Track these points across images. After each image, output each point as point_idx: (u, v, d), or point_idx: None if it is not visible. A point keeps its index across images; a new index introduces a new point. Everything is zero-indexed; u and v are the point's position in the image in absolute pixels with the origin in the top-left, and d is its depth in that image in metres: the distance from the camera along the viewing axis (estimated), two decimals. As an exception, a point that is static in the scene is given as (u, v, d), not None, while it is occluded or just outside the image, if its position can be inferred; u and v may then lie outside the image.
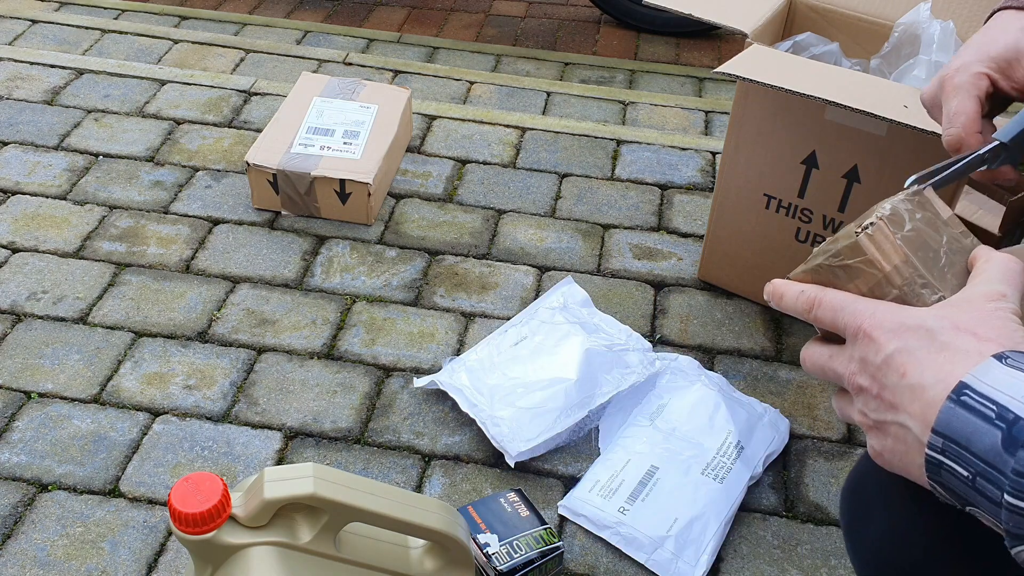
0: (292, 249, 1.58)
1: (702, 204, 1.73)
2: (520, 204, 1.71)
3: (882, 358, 0.55)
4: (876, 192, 1.28)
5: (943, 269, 0.60)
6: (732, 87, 2.40)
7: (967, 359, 0.52)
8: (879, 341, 0.55)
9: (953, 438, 0.51)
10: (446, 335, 1.44)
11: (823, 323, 0.60)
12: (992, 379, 0.50)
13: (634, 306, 1.51)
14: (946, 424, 0.51)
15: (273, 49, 2.31)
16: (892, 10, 1.35)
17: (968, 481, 0.51)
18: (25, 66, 2.03)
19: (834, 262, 0.60)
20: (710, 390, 1.32)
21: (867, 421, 0.57)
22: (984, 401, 0.50)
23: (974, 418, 0.50)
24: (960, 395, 0.51)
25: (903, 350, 0.54)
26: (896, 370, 0.54)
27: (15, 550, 1.13)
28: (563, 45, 2.80)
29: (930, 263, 0.59)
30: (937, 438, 0.52)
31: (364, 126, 1.70)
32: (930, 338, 0.54)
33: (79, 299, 1.47)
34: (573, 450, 1.28)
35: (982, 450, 0.49)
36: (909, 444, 0.54)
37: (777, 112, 1.31)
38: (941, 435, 0.51)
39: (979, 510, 0.51)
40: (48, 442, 1.25)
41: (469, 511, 1.12)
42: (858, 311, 0.57)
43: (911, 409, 0.53)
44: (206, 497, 0.78)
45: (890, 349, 0.55)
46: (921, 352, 0.54)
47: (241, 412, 1.31)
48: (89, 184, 1.70)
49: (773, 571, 1.15)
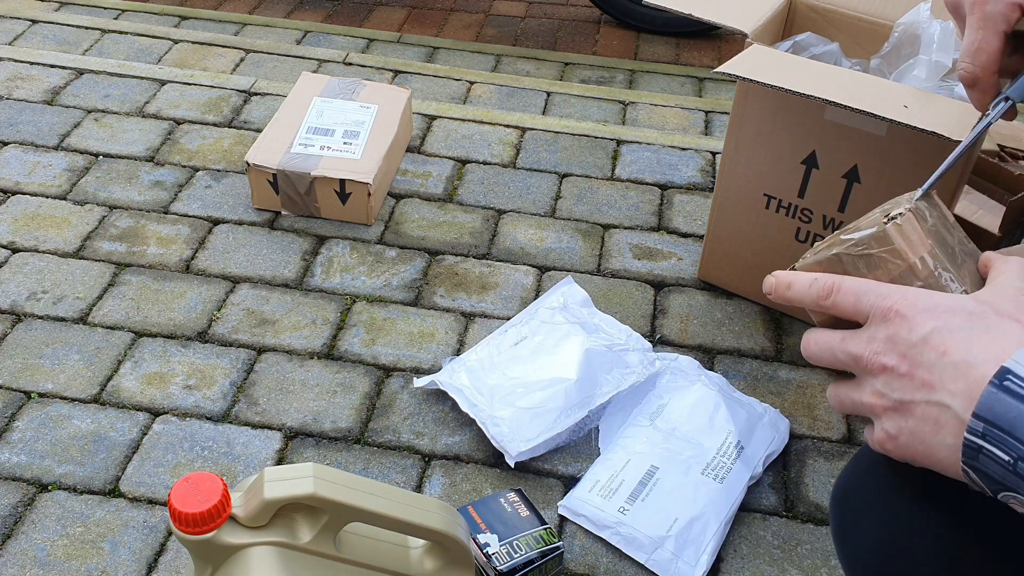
0: (292, 249, 1.58)
1: (702, 204, 1.73)
2: (520, 204, 1.71)
3: (919, 336, 0.54)
4: (876, 192, 1.29)
5: (960, 266, 0.60)
6: (732, 87, 2.40)
7: (1015, 340, 0.51)
8: (914, 320, 0.54)
9: (996, 423, 0.50)
10: (446, 335, 1.44)
11: (842, 309, 0.59)
12: None
13: (634, 306, 1.51)
14: (988, 408, 0.50)
15: (273, 49, 2.31)
16: (892, 10, 1.35)
17: (1009, 465, 0.50)
18: (25, 66, 2.03)
19: (855, 251, 0.60)
20: (710, 390, 1.32)
21: (885, 403, 0.56)
22: None
23: (1018, 403, 0.49)
24: (1003, 380, 0.50)
25: (943, 329, 0.53)
26: (935, 348, 0.53)
27: (15, 550, 1.13)
28: (563, 45, 2.80)
29: (951, 258, 0.59)
30: (978, 422, 0.51)
31: (364, 126, 1.70)
32: (973, 319, 0.53)
33: (79, 299, 1.47)
34: (573, 450, 1.28)
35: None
36: (942, 424, 0.53)
37: (777, 112, 1.31)
38: (983, 419, 0.51)
39: (1016, 494, 0.51)
40: (48, 442, 1.25)
41: (469, 511, 1.12)
42: (886, 293, 0.56)
43: (954, 387, 0.52)
44: (206, 497, 0.78)
45: (927, 328, 0.54)
46: (963, 332, 0.53)
47: (241, 412, 1.31)
48: (89, 184, 1.70)
49: (773, 571, 1.15)
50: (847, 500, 0.69)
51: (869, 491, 0.67)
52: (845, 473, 0.71)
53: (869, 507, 0.67)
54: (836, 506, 0.71)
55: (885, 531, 0.66)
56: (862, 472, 0.68)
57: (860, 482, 0.68)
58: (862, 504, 0.67)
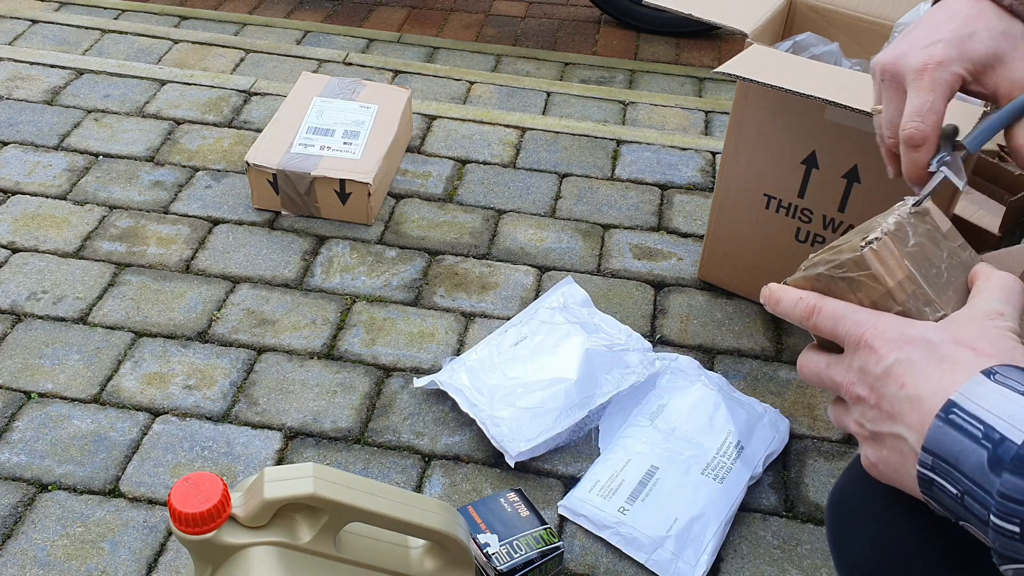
0: (292, 249, 1.58)
1: (702, 204, 1.73)
2: (520, 204, 1.71)
3: (882, 368, 0.55)
4: (876, 192, 1.28)
5: (944, 286, 0.60)
6: (732, 87, 2.40)
7: (965, 372, 0.52)
8: (880, 351, 0.55)
9: (942, 456, 0.51)
10: (446, 335, 1.44)
11: (822, 331, 0.60)
12: (980, 397, 0.50)
13: (634, 306, 1.51)
14: (935, 442, 0.51)
15: (273, 49, 2.31)
16: (892, 10, 1.35)
17: (957, 499, 0.50)
18: (25, 66, 2.03)
19: (837, 273, 0.60)
20: (710, 390, 1.32)
21: (863, 432, 0.57)
22: (971, 420, 0.50)
23: (961, 437, 0.50)
24: (948, 413, 0.51)
25: (903, 361, 0.54)
26: (896, 381, 0.54)
27: (15, 550, 1.13)
28: (563, 45, 2.80)
29: (932, 279, 0.59)
30: (927, 456, 0.52)
31: (364, 126, 1.70)
32: (931, 350, 0.54)
33: (79, 299, 1.47)
34: (573, 450, 1.28)
35: (969, 469, 0.49)
36: (905, 455, 0.54)
37: (777, 112, 1.31)
38: (931, 453, 0.51)
39: (970, 526, 0.51)
40: (48, 442, 1.25)
41: (469, 511, 1.12)
42: (860, 321, 0.57)
43: (909, 420, 0.53)
44: (206, 497, 0.78)
45: (890, 360, 0.55)
46: (921, 364, 0.54)
47: (241, 412, 1.31)
48: (89, 184, 1.70)
49: (773, 571, 1.15)
50: (843, 505, 0.69)
51: (864, 496, 0.67)
52: (841, 479, 0.71)
53: (864, 512, 0.67)
54: (832, 511, 0.71)
55: (880, 536, 0.66)
56: (857, 478, 0.68)
57: (855, 488, 0.69)
58: (857, 509, 0.68)
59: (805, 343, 0.63)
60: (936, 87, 0.71)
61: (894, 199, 0.65)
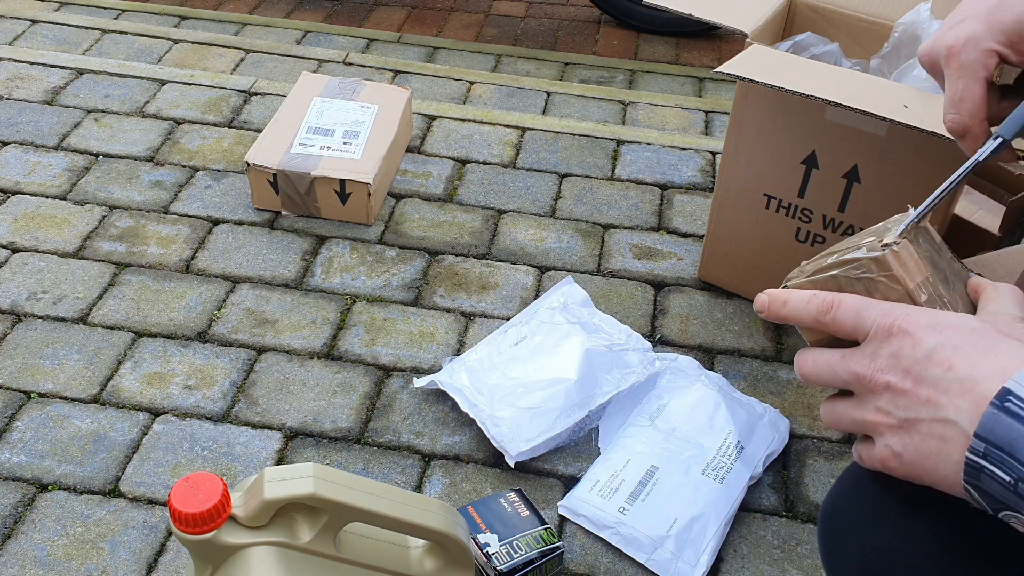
0: (292, 249, 1.58)
1: (702, 204, 1.73)
2: (520, 204, 1.71)
3: (923, 352, 0.53)
4: (876, 192, 1.28)
5: (952, 291, 0.60)
6: (732, 87, 2.40)
7: (1017, 360, 0.51)
8: (917, 335, 0.54)
9: (997, 443, 0.50)
10: (446, 335, 1.44)
11: (841, 325, 0.58)
12: None
13: (634, 306, 1.51)
14: (989, 429, 0.50)
15: (273, 49, 2.31)
16: (892, 10, 1.35)
17: (1010, 486, 0.50)
18: (25, 66, 2.03)
19: (854, 274, 0.60)
20: (710, 390, 1.32)
21: (889, 420, 0.55)
22: None
23: (1018, 424, 0.49)
24: (1004, 400, 0.50)
25: (947, 345, 0.53)
26: (940, 364, 0.53)
27: (15, 550, 1.13)
28: (563, 45, 2.80)
29: (944, 283, 0.59)
30: (979, 442, 0.51)
31: (364, 126, 1.70)
32: (977, 336, 0.53)
33: (79, 299, 1.47)
34: (573, 450, 1.28)
35: None
36: (950, 440, 0.53)
37: (777, 112, 1.31)
38: (984, 440, 0.50)
39: (1018, 513, 0.51)
40: (48, 442, 1.25)
41: (469, 511, 1.12)
42: (887, 310, 0.56)
43: (960, 403, 0.52)
44: (206, 497, 0.78)
45: (932, 343, 0.53)
46: (967, 348, 0.53)
47: (241, 412, 1.31)
48: (89, 184, 1.70)
49: (773, 571, 1.15)
50: (835, 518, 0.68)
51: (855, 509, 0.66)
52: (831, 493, 0.70)
53: (856, 525, 0.66)
54: (824, 524, 0.70)
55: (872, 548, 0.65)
56: (847, 490, 0.67)
57: (846, 501, 0.67)
58: (849, 522, 0.67)
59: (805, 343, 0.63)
60: (964, 71, 0.69)
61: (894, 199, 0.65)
